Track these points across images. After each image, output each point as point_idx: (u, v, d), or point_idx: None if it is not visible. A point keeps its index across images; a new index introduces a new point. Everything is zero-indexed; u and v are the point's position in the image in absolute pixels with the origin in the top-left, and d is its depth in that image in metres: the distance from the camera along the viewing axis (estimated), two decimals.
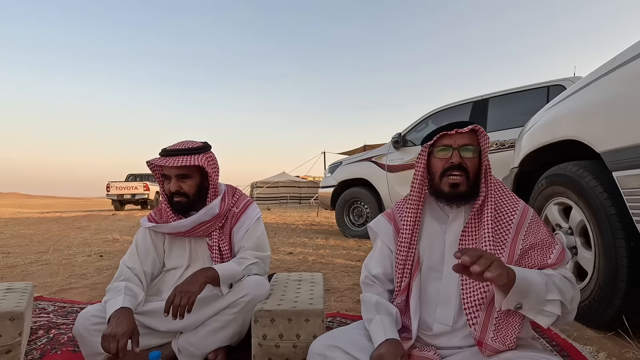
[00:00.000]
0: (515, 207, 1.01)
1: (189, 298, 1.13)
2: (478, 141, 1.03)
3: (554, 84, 3.52)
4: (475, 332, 0.91)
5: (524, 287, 0.80)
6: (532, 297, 0.82)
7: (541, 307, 0.83)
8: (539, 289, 0.82)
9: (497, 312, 0.91)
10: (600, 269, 1.50)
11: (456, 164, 1.00)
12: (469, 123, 1.01)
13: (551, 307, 0.83)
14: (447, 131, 1.01)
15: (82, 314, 1.23)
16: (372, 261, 1.13)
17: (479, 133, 1.02)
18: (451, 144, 1.01)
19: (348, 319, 1.75)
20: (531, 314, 0.84)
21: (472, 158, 1.02)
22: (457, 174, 1.00)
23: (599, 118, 1.47)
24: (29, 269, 2.98)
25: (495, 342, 0.88)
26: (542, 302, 0.83)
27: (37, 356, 1.35)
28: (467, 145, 1.01)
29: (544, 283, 0.83)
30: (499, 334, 0.89)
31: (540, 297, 0.82)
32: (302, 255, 3.60)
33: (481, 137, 1.02)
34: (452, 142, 1.01)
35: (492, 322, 0.91)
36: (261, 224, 1.49)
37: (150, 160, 1.35)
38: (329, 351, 0.93)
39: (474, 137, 1.03)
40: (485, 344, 0.89)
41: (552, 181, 1.83)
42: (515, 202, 1.02)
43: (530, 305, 0.82)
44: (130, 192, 13.11)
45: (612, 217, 1.44)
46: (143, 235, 1.43)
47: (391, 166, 4.55)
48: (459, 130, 1.00)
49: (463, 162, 1.01)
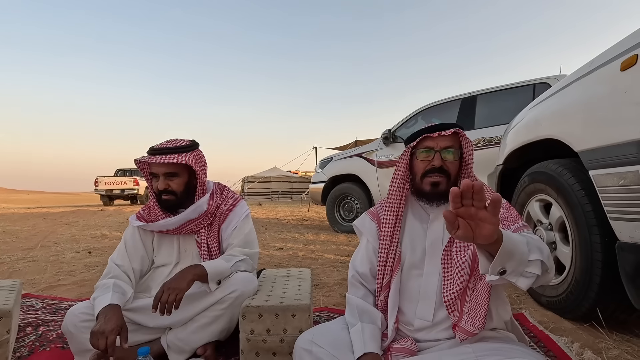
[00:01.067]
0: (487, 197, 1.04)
1: (176, 295, 1.15)
2: (460, 143, 1.06)
3: (539, 82, 3.59)
4: (454, 317, 0.97)
5: (510, 248, 0.74)
6: (517, 259, 0.76)
7: (523, 269, 0.79)
8: (522, 249, 0.78)
9: (470, 295, 0.96)
10: (577, 264, 1.56)
11: (437, 166, 1.03)
12: (452, 125, 1.04)
13: (532, 268, 0.79)
14: (429, 133, 1.04)
15: (71, 311, 1.24)
16: (358, 259, 1.15)
17: (460, 136, 1.06)
18: (433, 147, 1.04)
19: (336, 313, 1.79)
20: (513, 277, 0.79)
21: (453, 161, 1.05)
22: (437, 175, 1.04)
23: (577, 118, 1.52)
24: (15, 266, 2.96)
25: (467, 324, 0.94)
26: (524, 263, 0.78)
27: (26, 353, 1.36)
28: (449, 147, 1.04)
29: (526, 242, 0.80)
30: (470, 315, 0.94)
31: (524, 258, 0.78)
32: (292, 250, 3.63)
33: (463, 140, 1.06)
34: (434, 144, 1.04)
35: (466, 305, 0.97)
36: (250, 221, 1.51)
37: (138, 158, 1.36)
38: (314, 347, 0.97)
39: (456, 140, 1.06)
40: (458, 326, 0.95)
41: (534, 179, 1.88)
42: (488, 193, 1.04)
43: (514, 267, 0.77)
44: (120, 187, 12.96)
45: (589, 214, 1.50)
46: (132, 233, 1.44)
47: (381, 162, 4.59)
48: (442, 133, 1.03)
49: (444, 165, 1.04)
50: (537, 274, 0.80)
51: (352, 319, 1.02)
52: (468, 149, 1.06)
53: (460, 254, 0.98)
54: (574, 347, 1.32)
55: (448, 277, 1.01)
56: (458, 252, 0.99)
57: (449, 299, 0.98)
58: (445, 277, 1.01)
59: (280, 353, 1.18)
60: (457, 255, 0.98)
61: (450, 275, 1.00)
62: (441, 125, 1.04)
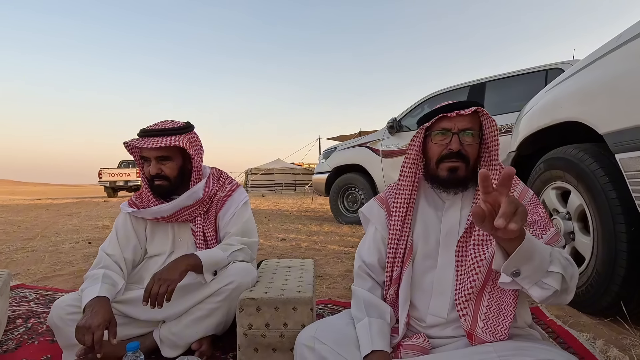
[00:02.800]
0: (513, 187, 0.94)
1: (168, 286, 1.06)
2: (480, 124, 0.95)
3: (552, 67, 3.44)
4: (465, 323, 0.86)
5: (530, 250, 0.69)
6: (534, 265, 0.71)
7: (540, 278, 0.73)
8: (543, 257, 0.72)
9: (487, 301, 0.86)
10: (598, 255, 1.46)
11: (455, 151, 0.92)
12: (472, 103, 0.92)
13: (551, 280, 0.73)
14: (446, 113, 0.92)
15: (57, 304, 1.16)
16: (365, 249, 1.05)
17: (481, 115, 0.94)
18: (450, 128, 0.92)
19: (340, 306, 1.71)
20: (526, 284, 0.73)
21: (472, 144, 0.93)
22: (455, 161, 0.92)
23: (602, 98, 1.40)
24: (13, 256, 2.90)
25: (486, 334, 0.83)
26: (542, 272, 0.73)
27: (13, 347, 1.29)
28: (468, 129, 0.92)
29: (549, 252, 0.74)
30: (490, 323, 0.84)
31: (543, 266, 0.73)
32: (295, 241, 3.55)
33: (484, 119, 0.94)
34: (452, 125, 0.92)
35: (482, 311, 0.86)
36: (248, 209, 1.42)
37: (127, 141, 1.27)
38: (317, 343, 0.88)
39: (476, 120, 0.94)
40: (475, 336, 0.84)
41: (551, 165, 1.77)
42: (514, 183, 0.96)
43: (530, 273, 0.72)
44: (123, 178, 12.94)
45: (613, 202, 1.39)
46: (123, 221, 1.36)
47: (386, 152, 4.48)
48: (460, 112, 0.91)
49: (462, 149, 0.92)
50: (556, 288, 0.73)
51: (359, 313, 0.93)
52: (491, 130, 0.93)
53: (478, 249, 0.87)
54: (597, 344, 1.22)
55: (462, 272, 0.90)
56: (476, 246, 0.88)
57: (460, 299, 0.87)
58: (458, 272, 0.91)
59: (281, 349, 1.09)
60: (474, 250, 0.88)
61: (464, 270, 0.90)
62: (459, 104, 0.92)
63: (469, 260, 0.88)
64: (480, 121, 0.95)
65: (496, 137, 0.93)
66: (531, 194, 0.95)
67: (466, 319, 0.86)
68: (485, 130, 0.94)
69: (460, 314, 0.87)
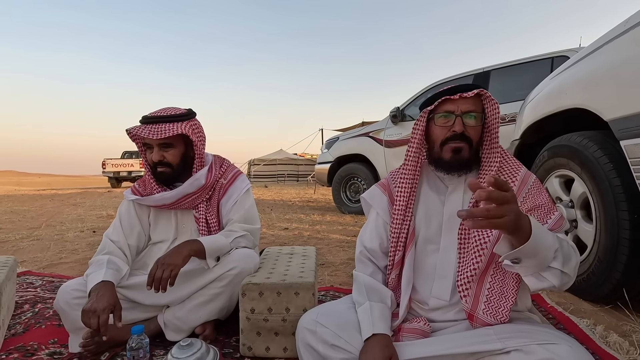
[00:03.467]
0: (515, 173, 0.94)
1: (171, 271, 1.08)
2: (483, 107, 0.95)
3: (558, 55, 3.39)
4: (466, 304, 0.87)
5: (534, 249, 0.71)
6: (537, 260, 0.73)
7: (539, 271, 0.76)
8: (547, 254, 0.74)
9: (489, 283, 0.87)
10: (600, 242, 1.46)
11: (458, 132, 0.92)
12: (474, 86, 0.92)
13: (549, 275, 0.76)
14: (449, 95, 0.92)
15: (63, 288, 1.18)
16: (367, 234, 1.06)
17: (484, 98, 0.94)
18: (453, 110, 0.93)
19: (342, 293, 1.73)
20: (524, 272, 0.76)
21: (475, 126, 0.93)
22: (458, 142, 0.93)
23: (609, 84, 1.38)
24: (19, 244, 2.94)
25: (487, 315, 0.85)
26: (543, 267, 0.75)
27: (21, 330, 1.32)
28: (471, 111, 0.92)
29: (554, 249, 0.75)
30: (491, 305, 0.85)
31: (545, 262, 0.74)
32: (298, 230, 3.57)
33: (487, 102, 0.93)
34: (455, 108, 0.93)
35: (483, 292, 0.87)
36: (250, 196, 1.42)
37: (130, 128, 1.27)
38: (319, 327, 0.89)
39: (479, 103, 0.94)
40: (476, 317, 0.86)
41: (555, 153, 1.76)
42: (517, 168, 0.96)
43: (529, 265, 0.74)
44: (127, 169, 12.99)
45: (617, 189, 1.38)
46: (127, 208, 1.37)
47: (389, 141, 4.46)
48: (463, 94, 0.91)
49: (465, 131, 0.92)
50: (553, 283, 0.77)
51: (360, 297, 0.94)
52: (493, 113, 0.93)
53: (482, 231, 0.88)
54: (597, 330, 1.23)
55: (464, 255, 0.91)
56: (479, 229, 0.88)
57: (462, 280, 0.89)
58: (461, 254, 0.92)
59: (283, 333, 1.11)
60: (478, 232, 0.88)
61: (467, 253, 0.91)
62: (462, 87, 0.92)
63: (472, 242, 0.89)
64: (483, 104, 0.94)
65: (497, 120, 0.93)
66: (534, 179, 0.95)
67: (467, 300, 0.87)
68: (487, 113, 0.94)
69: (461, 295, 0.88)
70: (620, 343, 1.14)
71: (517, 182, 0.93)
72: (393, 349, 0.81)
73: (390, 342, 0.83)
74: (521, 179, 0.94)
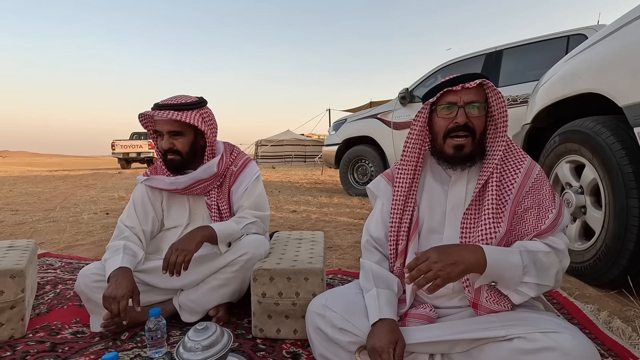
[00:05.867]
0: (519, 165, 0.94)
1: (185, 256, 1.12)
2: (486, 96, 0.94)
3: (574, 34, 3.27)
4: (469, 294, 0.89)
5: (496, 273, 0.82)
6: (505, 281, 0.83)
7: (515, 287, 0.84)
8: (513, 273, 0.82)
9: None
10: (609, 229, 1.46)
11: (462, 124, 0.92)
12: (477, 76, 0.91)
13: (526, 289, 0.84)
14: (451, 87, 0.92)
15: (83, 272, 1.23)
16: (373, 223, 1.08)
17: (486, 87, 0.93)
18: (456, 101, 0.92)
19: (349, 276, 1.77)
20: (505, 291, 0.85)
21: (478, 117, 0.93)
22: (462, 135, 0.92)
23: (624, 69, 1.35)
24: (37, 226, 3.04)
25: (490, 303, 0.87)
26: (516, 284, 0.83)
27: (44, 310, 1.39)
28: (474, 102, 0.92)
29: (522, 266, 0.83)
30: (493, 293, 0.87)
31: (515, 279, 0.83)
32: (306, 213, 3.61)
33: (490, 92, 0.92)
34: (457, 99, 0.92)
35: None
36: (260, 183, 1.44)
37: (141, 113, 1.29)
38: (328, 311, 0.92)
39: (481, 92, 0.93)
40: (480, 305, 0.88)
41: (566, 138, 1.74)
42: (521, 159, 0.95)
43: (503, 286, 0.85)
44: (136, 150, 13.12)
45: (628, 176, 1.37)
46: (140, 194, 1.40)
47: (397, 123, 4.41)
48: (465, 85, 0.90)
49: (469, 122, 0.92)
50: (530, 296, 0.84)
51: (367, 284, 0.97)
52: (498, 103, 0.92)
53: (489, 224, 0.88)
54: (601, 316, 1.25)
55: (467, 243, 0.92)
56: (487, 220, 0.89)
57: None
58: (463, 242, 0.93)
59: (293, 316, 1.16)
60: (485, 225, 0.88)
61: (469, 242, 0.91)
62: (464, 77, 0.91)
63: (477, 235, 0.89)
64: (486, 94, 0.93)
65: (504, 110, 0.93)
66: (538, 171, 0.95)
67: (470, 289, 0.89)
68: (491, 102, 0.93)
69: (464, 285, 0.90)
70: (623, 329, 1.16)
71: (520, 175, 0.93)
72: (399, 333, 0.84)
73: (397, 327, 0.86)
74: (524, 171, 0.93)
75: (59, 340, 1.16)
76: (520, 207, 0.91)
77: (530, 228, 0.90)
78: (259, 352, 1.10)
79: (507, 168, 0.94)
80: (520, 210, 0.91)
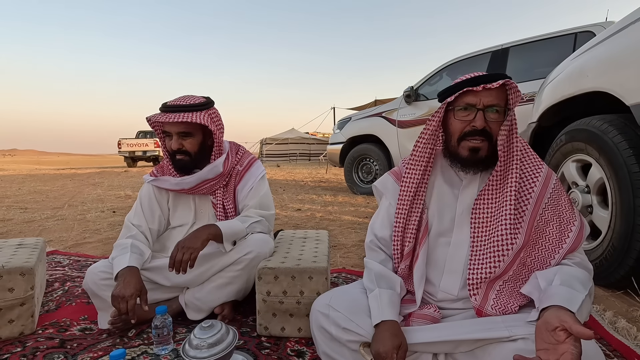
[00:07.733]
0: (537, 172, 0.91)
1: (191, 254, 1.13)
2: (507, 99, 0.89)
3: (582, 31, 3.23)
4: (475, 302, 0.88)
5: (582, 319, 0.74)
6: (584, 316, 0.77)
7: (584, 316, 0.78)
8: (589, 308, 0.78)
9: (500, 286, 0.87)
10: (615, 229, 1.45)
11: (479, 128, 0.87)
12: (499, 76, 0.84)
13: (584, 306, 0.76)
14: (471, 87, 0.86)
15: (91, 270, 1.25)
16: (378, 223, 1.06)
17: (509, 88, 0.87)
18: (475, 103, 0.87)
19: (353, 274, 1.77)
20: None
21: (497, 121, 0.88)
22: (478, 139, 0.89)
23: (632, 67, 1.33)
24: (45, 224, 3.08)
25: (495, 310, 0.85)
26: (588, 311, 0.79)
27: (53, 307, 1.41)
28: (494, 105, 0.87)
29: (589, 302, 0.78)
30: (500, 302, 0.86)
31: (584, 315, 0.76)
32: (310, 211, 3.62)
33: (512, 94, 0.87)
34: (477, 100, 0.87)
35: (493, 291, 0.88)
36: (265, 183, 1.45)
37: (150, 116, 1.30)
38: (331, 311, 0.93)
39: (502, 94, 0.88)
40: (484, 312, 0.86)
41: (573, 137, 1.72)
42: (538, 166, 0.92)
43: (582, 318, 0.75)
44: (142, 149, 13.23)
45: (635, 175, 1.36)
46: (147, 193, 1.41)
47: (402, 122, 4.40)
48: (487, 86, 0.84)
49: (487, 126, 0.88)
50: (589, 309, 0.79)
51: (370, 284, 0.96)
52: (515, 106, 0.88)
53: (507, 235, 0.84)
54: (606, 316, 1.25)
55: (477, 254, 0.89)
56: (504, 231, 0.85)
57: (475, 280, 0.87)
58: (473, 252, 0.90)
59: (297, 315, 1.16)
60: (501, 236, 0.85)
61: (481, 252, 0.89)
62: (485, 77, 0.85)
63: (491, 244, 0.87)
64: (507, 95, 0.88)
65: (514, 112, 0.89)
66: (555, 179, 0.92)
67: (477, 298, 0.88)
68: (511, 105, 0.88)
69: (471, 293, 0.88)
70: (628, 329, 1.16)
71: (539, 184, 0.89)
72: (402, 337, 0.83)
73: (399, 329, 0.84)
74: (543, 179, 0.90)
75: (68, 337, 1.19)
76: (541, 220, 0.87)
77: (554, 242, 0.86)
78: (263, 349, 1.11)
79: (525, 176, 0.90)
80: (541, 223, 0.87)
